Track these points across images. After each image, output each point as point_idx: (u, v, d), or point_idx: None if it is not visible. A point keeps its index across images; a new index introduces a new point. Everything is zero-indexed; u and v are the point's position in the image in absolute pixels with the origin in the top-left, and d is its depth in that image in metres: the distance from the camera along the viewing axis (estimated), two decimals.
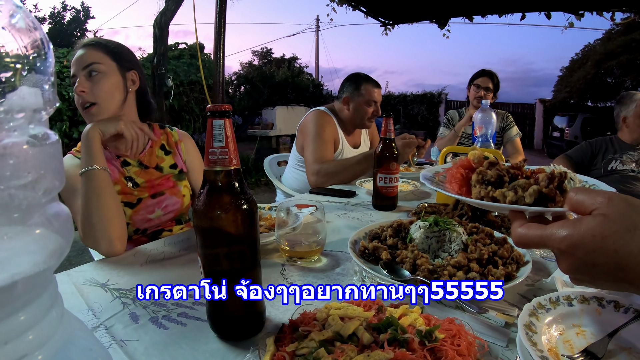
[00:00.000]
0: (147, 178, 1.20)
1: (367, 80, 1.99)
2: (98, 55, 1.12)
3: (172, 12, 4.72)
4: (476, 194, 0.55)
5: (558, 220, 0.43)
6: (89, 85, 1.09)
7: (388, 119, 1.31)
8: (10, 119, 0.27)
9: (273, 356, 0.50)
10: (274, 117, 9.90)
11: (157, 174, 1.23)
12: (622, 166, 2.23)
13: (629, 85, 12.77)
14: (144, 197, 1.18)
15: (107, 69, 1.12)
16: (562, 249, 0.40)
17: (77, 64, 1.11)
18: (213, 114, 0.54)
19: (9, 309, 0.27)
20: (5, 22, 0.27)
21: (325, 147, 1.88)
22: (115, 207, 0.98)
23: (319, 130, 1.91)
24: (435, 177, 0.65)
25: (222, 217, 0.54)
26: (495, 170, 0.54)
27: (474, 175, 0.56)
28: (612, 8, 3.59)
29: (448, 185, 0.61)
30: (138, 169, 1.19)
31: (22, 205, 0.27)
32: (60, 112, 3.85)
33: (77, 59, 1.12)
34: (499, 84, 2.69)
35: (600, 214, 0.38)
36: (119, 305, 0.69)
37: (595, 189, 0.50)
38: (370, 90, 1.96)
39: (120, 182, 1.16)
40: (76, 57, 1.12)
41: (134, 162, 1.20)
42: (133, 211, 1.15)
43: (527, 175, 0.54)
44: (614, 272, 0.38)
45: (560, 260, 0.42)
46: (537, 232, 0.43)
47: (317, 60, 25.24)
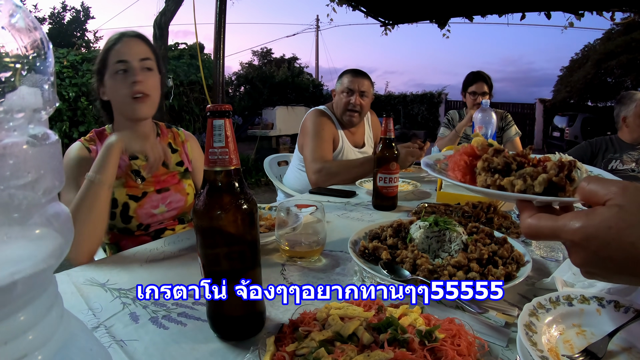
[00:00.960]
0: (154, 173, 1.21)
1: (349, 71, 2.02)
2: (149, 52, 1.15)
3: (172, 12, 4.72)
4: (482, 182, 0.51)
5: (567, 211, 0.41)
6: (144, 77, 1.12)
7: (388, 119, 1.31)
8: (10, 119, 0.27)
9: (273, 356, 0.50)
10: (274, 117, 9.90)
11: (163, 170, 1.24)
12: (622, 166, 2.24)
13: (629, 85, 12.75)
14: (149, 192, 1.19)
15: (154, 66, 1.16)
16: (575, 241, 0.38)
17: (133, 54, 1.12)
18: (213, 114, 0.54)
19: (9, 309, 0.27)
20: (5, 22, 0.27)
21: (324, 146, 1.89)
22: (100, 226, 0.99)
23: (318, 128, 1.92)
24: (436, 165, 0.62)
25: (222, 217, 0.54)
26: (503, 158, 0.51)
27: (480, 162, 0.52)
28: (612, 8, 3.58)
29: (451, 173, 0.57)
30: (146, 163, 1.21)
31: (22, 205, 0.27)
32: (60, 112, 3.86)
33: (132, 48, 1.12)
34: (492, 83, 2.69)
35: (615, 205, 0.36)
36: (119, 305, 0.69)
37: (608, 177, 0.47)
38: (347, 79, 1.98)
39: (127, 176, 1.17)
40: (130, 45, 1.13)
41: (142, 156, 1.21)
42: (137, 205, 1.16)
43: (533, 164, 0.51)
44: (630, 266, 0.36)
45: (572, 252, 0.39)
46: (548, 223, 0.41)
47: (317, 60, 25.29)
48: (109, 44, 1.14)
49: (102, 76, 1.15)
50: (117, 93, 1.12)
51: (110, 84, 1.13)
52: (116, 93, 1.13)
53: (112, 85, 1.13)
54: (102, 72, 1.15)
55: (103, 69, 1.14)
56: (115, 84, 1.12)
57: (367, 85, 1.99)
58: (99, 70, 1.15)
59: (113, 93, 1.14)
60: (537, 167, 0.49)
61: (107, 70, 1.13)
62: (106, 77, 1.14)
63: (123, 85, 1.11)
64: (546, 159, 0.52)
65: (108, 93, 1.16)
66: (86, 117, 3.95)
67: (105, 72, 1.14)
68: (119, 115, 1.19)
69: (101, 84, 1.16)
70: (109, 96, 1.16)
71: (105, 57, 1.13)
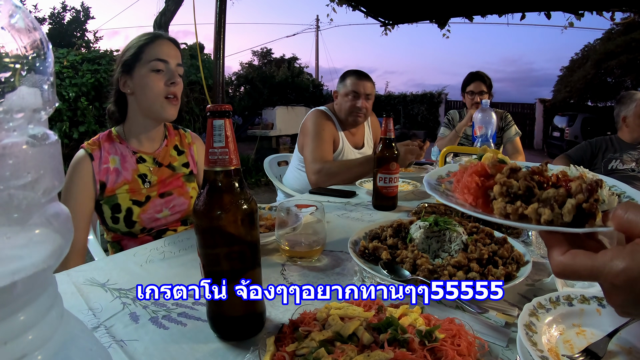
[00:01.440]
0: (160, 176, 1.22)
1: (353, 72, 2.01)
2: (181, 59, 1.19)
3: (172, 12, 4.72)
4: (500, 210, 0.44)
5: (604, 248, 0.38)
6: (179, 81, 1.16)
7: (388, 119, 1.31)
8: (9, 119, 0.27)
9: (273, 356, 0.50)
10: (274, 117, 9.89)
11: (169, 172, 1.25)
12: (622, 165, 2.24)
13: (629, 85, 12.76)
14: (153, 196, 1.19)
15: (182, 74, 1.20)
16: (616, 284, 0.34)
17: (174, 57, 1.15)
18: (213, 114, 0.54)
19: (9, 309, 0.27)
20: (4, 22, 0.27)
21: (324, 147, 1.88)
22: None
23: (318, 129, 1.92)
24: (441, 185, 0.55)
25: (222, 217, 0.54)
26: (524, 182, 0.44)
27: (497, 187, 0.45)
28: (612, 8, 3.59)
29: (459, 196, 0.49)
30: (153, 167, 1.21)
31: (21, 205, 0.27)
32: (60, 112, 3.86)
33: (171, 50, 1.15)
34: (491, 82, 2.68)
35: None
36: (119, 305, 0.69)
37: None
38: (352, 81, 1.97)
39: (132, 181, 1.17)
40: (169, 47, 1.15)
41: (149, 159, 1.21)
42: (141, 209, 1.17)
43: (554, 183, 0.44)
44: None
45: (611, 294, 0.36)
46: (585, 262, 0.36)
47: (317, 61, 25.25)
48: (144, 40, 1.14)
49: (129, 69, 1.14)
50: (149, 89, 1.13)
51: (143, 79, 1.13)
52: (149, 89, 1.13)
53: (145, 80, 1.13)
54: (131, 65, 1.14)
55: (134, 62, 1.13)
56: (150, 80, 1.12)
57: (371, 88, 2.01)
58: (129, 63, 1.14)
59: (144, 88, 1.13)
60: (559, 187, 0.42)
61: (141, 65, 1.13)
62: (137, 71, 1.13)
63: (159, 84, 1.12)
64: (564, 175, 0.45)
65: (136, 87, 1.14)
66: (86, 117, 3.95)
67: (136, 66, 1.13)
68: (139, 112, 1.18)
69: (128, 76, 1.15)
70: (135, 90, 1.15)
71: (139, 51, 1.13)
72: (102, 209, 1.16)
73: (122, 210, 1.15)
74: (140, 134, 1.21)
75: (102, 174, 1.15)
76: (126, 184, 1.16)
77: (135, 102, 1.17)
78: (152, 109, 1.15)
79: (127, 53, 1.15)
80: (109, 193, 1.15)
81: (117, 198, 1.15)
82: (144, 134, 1.21)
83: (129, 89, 1.16)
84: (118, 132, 1.21)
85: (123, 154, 1.18)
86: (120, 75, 1.15)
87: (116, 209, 1.15)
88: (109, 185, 1.15)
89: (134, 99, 1.17)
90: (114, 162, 1.17)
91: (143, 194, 1.18)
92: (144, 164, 1.20)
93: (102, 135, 1.20)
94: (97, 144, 1.17)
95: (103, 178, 1.15)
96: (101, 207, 1.16)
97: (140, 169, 1.19)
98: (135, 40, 1.17)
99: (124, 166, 1.17)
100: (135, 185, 1.17)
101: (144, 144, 1.22)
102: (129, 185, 1.17)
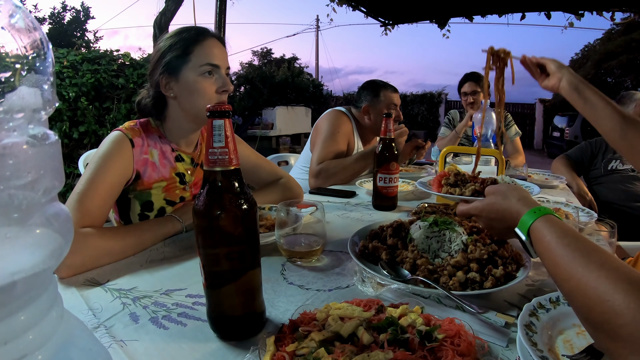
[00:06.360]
0: (197, 176, 1.18)
1: (385, 86, 1.96)
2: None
3: (172, 12, 4.72)
4: (444, 191, 1.04)
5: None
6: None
7: (388, 119, 1.31)
8: (9, 119, 0.27)
9: (273, 356, 0.50)
10: (274, 117, 9.89)
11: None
12: (622, 166, 2.24)
13: (629, 85, 12.76)
14: (187, 197, 1.15)
15: None
16: (477, 214, 0.76)
17: (223, 60, 1.06)
18: (213, 114, 0.54)
19: (9, 309, 0.27)
20: (5, 22, 0.27)
21: (333, 149, 1.83)
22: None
23: (333, 130, 1.86)
24: (427, 183, 1.20)
25: (222, 217, 0.54)
26: (454, 177, 1.06)
27: (443, 180, 1.07)
28: (612, 8, 3.59)
29: (433, 187, 1.13)
30: (191, 167, 1.17)
31: (22, 205, 0.27)
32: (60, 112, 3.85)
33: (223, 53, 1.07)
34: None
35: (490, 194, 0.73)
36: (119, 305, 0.69)
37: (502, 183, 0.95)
38: (390, 95, 1.93)
39: (170, 179, 1.10)
40: (220, 50, 1.07)
41: (187, 158, 1.16)
42: (173, 210, 1.11)
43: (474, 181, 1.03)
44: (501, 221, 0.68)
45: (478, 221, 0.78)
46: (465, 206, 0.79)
47: (317, 61, 25.25)
48: (193, 36, 1.04)
49: (174, 70, 1.03)
50: (200, 96, 1.03)
51: (193, 85, 1.03)
52: (199, 96, 1.03)
53: (195, 86, 1.03)
54: (177, 67, 1.03)
55: (181, 64, 1.02)
56: (200, 86, 1.02)
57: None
58: (173, 64, 1.03)
59: (193, 94, 1.03)
60: (476, 182, 1.02)
61: (188, 68, 1.02)
62: (185, 75, 1.03)
63: (210, 90, 1.03)
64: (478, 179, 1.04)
65: (183, 92, 1.04)
66: (86, 117, 3.94)
67: (182, 68, 1.03)
68: (183, 116, 1.09)
69: (172, 77, 1.04)
70: (182, 94, 1.05)
71: (188, 51, 1.02)
72: (130, 204, 1.07)
73: (154, 209, 1.09)
74: (180, 135, 1.13)
75: (140, 164, 1.04)
76: (163, 180, 1.08)
77: (178, 106, 1.07)
78: (201, 115, 1.05)
79: (170, 51, 1.03)
80: (142, 187, 1.06)
81: (150, 195, 1.08)
82: (184, 136, 1.14)
83: (173, 93, 1.05)
84: (157, 125, 1.12)
85: (163, 150, 1.10)
86: (162, 76, 1.04)
87: (147, 207, 1.08)
88: (145, 178, 1.06)
89: (176, 102, 1.07)
90: (152, 156, 1.07)
91: (177, 195, 1.12)
92: (182, 163, 1.14)
93: (142, 124, 1.09)
94: (138, 132, 1.06)
95: (140, 168, 1.04)
96: (129, 201, 1.07)
97: (178, 168, 1.13)
98: (176, 36, 1.05)
99: (162, 162, 1.09)
100: (172, 183, 1.11)
101: (182, 143, 1.15)
102: (167, 182, 1.09)
